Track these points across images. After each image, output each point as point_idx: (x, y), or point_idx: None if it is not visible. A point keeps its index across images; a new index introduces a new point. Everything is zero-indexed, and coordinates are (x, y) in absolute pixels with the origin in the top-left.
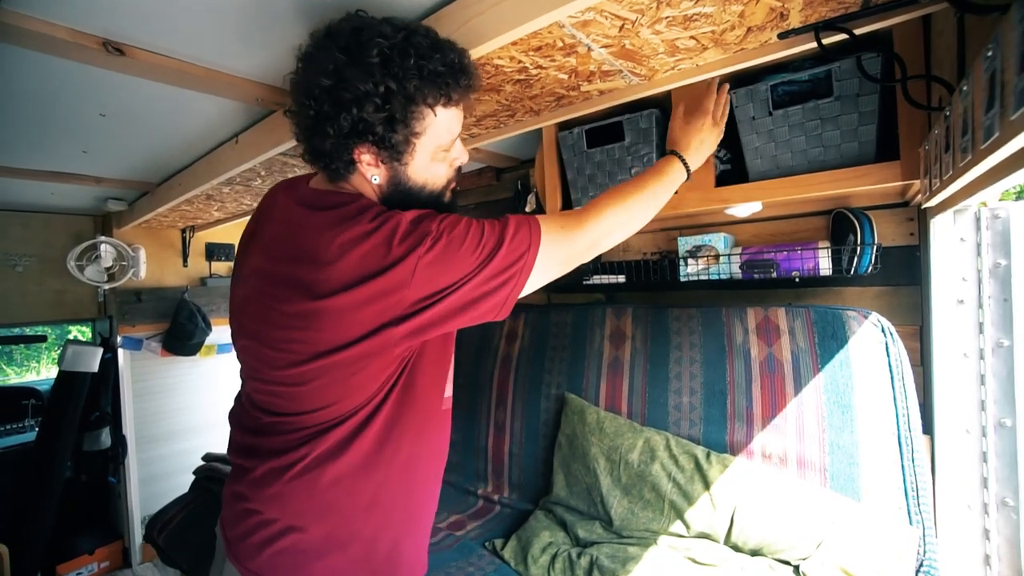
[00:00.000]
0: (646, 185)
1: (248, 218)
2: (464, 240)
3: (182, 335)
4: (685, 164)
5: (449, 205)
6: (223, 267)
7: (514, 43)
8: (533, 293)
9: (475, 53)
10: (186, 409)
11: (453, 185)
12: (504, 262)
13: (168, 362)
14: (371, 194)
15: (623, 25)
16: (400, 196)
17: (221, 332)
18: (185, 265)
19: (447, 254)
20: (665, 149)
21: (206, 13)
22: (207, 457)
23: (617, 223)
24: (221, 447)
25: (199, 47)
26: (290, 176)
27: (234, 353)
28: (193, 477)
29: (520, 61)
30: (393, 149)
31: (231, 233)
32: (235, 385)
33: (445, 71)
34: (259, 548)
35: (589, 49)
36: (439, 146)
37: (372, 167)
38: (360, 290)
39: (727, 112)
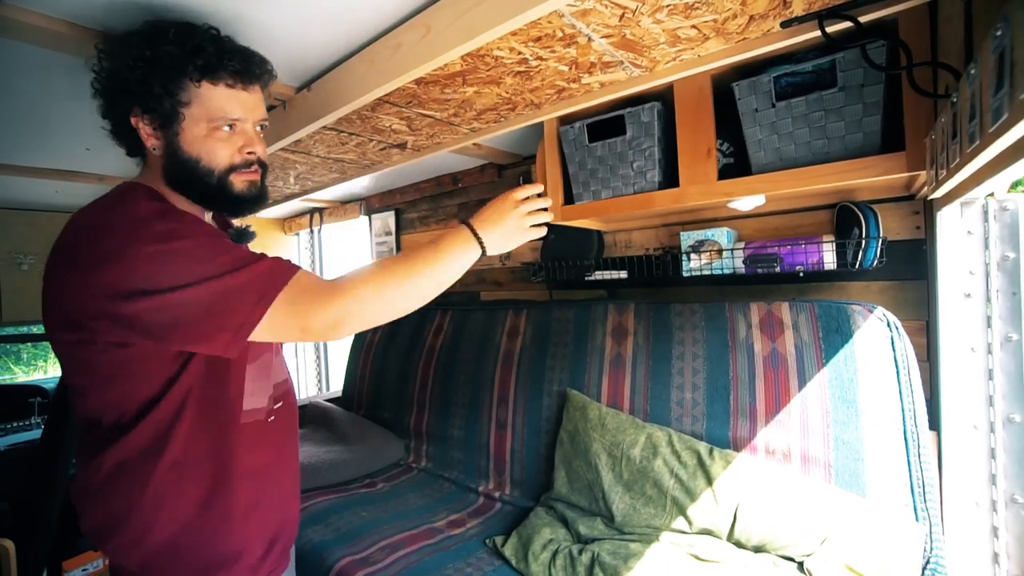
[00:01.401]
0: (419, 256)
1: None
2: (195, 248)
3: None
4: (478, 236)
5: (241, 198)
6: None
7: (513, 33)
8: (535, 289)
9: (474, 44)
10: None
11: (250, 177)
12: (238, 282)
13: None
14: (158, 169)
15: (623, 14)
16: (178, 168)
17: None
18: None
19: (170, 254)
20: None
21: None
22: None
23: (377, 300)
24: None
25: None
26: (291, 172)
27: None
28: None
29: (520, 52)
30: (161, 116)
31: None
32: None
33: (210, 48)
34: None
35: (589, 39)
36: (211, 122)
37: (152, 137)
38: (72, 271)
39: (538, 215)
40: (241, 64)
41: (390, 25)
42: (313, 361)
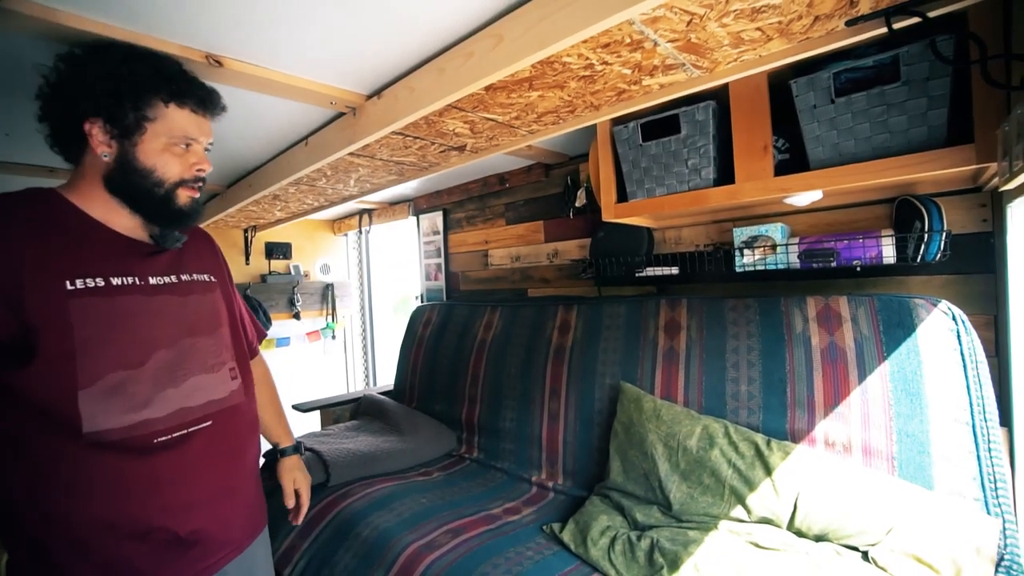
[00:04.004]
0: None
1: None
2: None
3: None
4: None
5: (182, 211)
6: (281, 265)
7: (584, 41)
8: (581, 285)
9: (545, 52)
10: None
11: (193, 194)
12: None
13: None
14: (96, 172)
15: (691, 20)
16: (128, 176)
17: (280, 326)
18: (247, 263)
19: None
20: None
21: (293, 23)
22: None
23: None
24: None
25: (283, 54)
26: (352, 175)
27: (291, 346)
28: (263, 460)
29: (587, 58)
30: (123, 127)
31: (288, 233)
32: (292, 377)
33: (180, 78)
34: None
35: (655, 44)
36: (172, 139)
37: (103, 145)
38: None
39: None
40: (204, 94)
41: (462, 35)
42: (360, 358)
